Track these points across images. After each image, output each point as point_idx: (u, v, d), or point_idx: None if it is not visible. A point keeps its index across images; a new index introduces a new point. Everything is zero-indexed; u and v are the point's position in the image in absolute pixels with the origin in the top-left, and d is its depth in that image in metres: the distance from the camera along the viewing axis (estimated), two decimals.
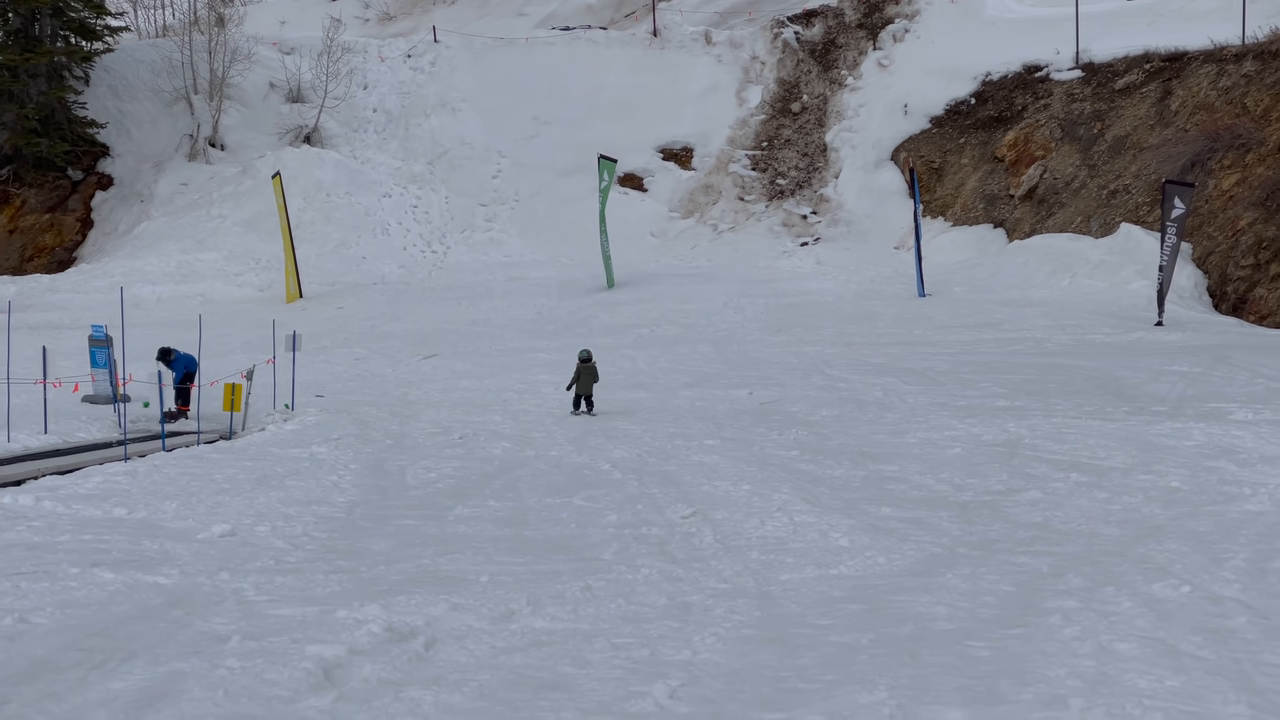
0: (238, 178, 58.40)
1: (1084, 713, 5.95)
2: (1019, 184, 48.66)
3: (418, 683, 6.77)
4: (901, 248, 49.66)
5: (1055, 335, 32.03)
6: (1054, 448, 16.59)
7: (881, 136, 54.65)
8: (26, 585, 9.02)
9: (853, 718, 5.96)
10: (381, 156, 60.54)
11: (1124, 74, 48.59)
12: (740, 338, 35.69)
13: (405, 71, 63.93)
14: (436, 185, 58.85)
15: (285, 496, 14.67)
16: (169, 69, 60.74)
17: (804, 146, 57.10)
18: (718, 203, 56.48)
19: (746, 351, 32.65)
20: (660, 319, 38.75)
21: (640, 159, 57.95)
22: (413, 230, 56.77)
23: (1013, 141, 50.00)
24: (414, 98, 62.56)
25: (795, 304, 41.93)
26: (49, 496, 13.74)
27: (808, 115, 58.19)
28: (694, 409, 22.85)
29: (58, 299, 49.97)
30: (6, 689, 6.48)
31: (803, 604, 8.76)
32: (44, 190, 59.22)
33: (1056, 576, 9.19)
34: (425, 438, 20.69)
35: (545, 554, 11.03)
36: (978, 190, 50.35)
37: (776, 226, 54.51)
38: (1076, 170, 46.83)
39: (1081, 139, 47.84)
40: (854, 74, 58.06)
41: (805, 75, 59.46)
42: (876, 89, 56.37)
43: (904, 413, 21.16)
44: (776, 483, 15.05)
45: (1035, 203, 47.53)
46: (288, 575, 9.94)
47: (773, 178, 56.40)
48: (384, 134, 61.77)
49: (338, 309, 46.74)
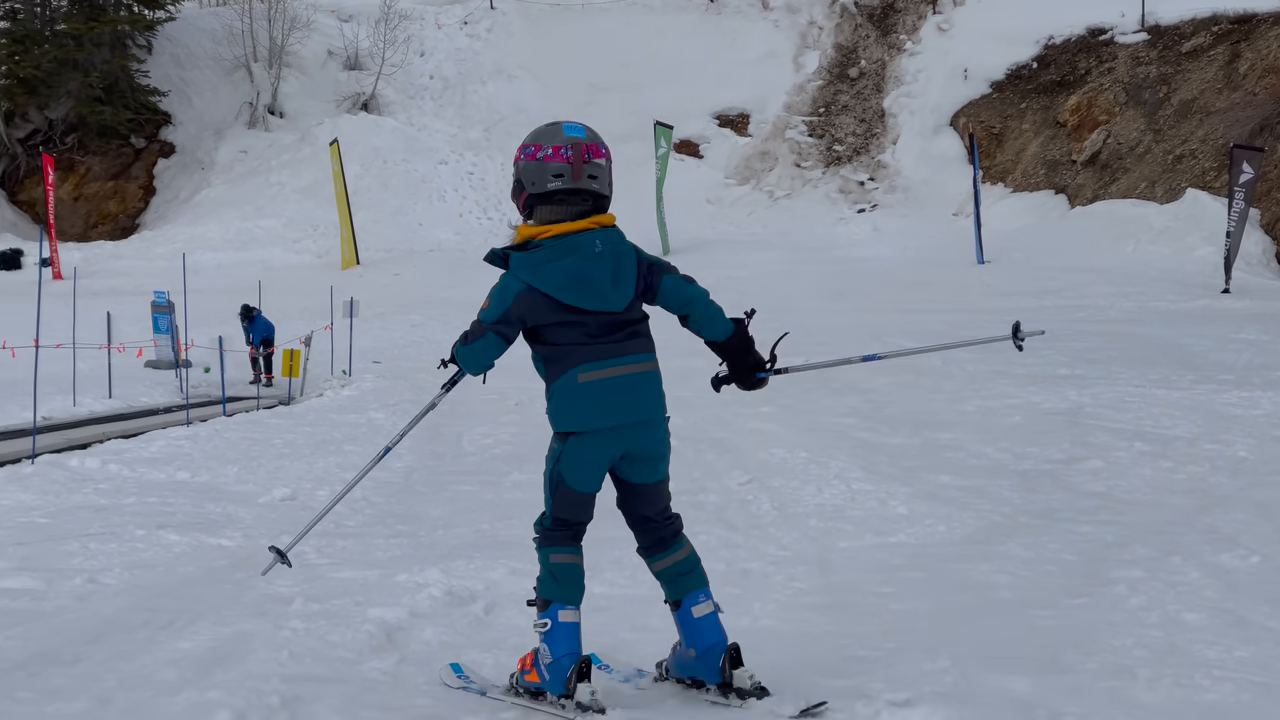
0: (296, 145, 58.70)
1: (1151, 683, 5.89)
2: (1082, 149, 48.21)
3: (478, 646, 6.79)
4: (960, 214, 49.36)
5: (1118, 303, 31.76)
6: (1117, 416, 16.42)
7: (941, 102, 54.30)
8: (95, 546, 9.19)
9: (916, 685, 5.93)
10: (438, 123, 60.71)
11: (1191, 36, 47.99)
12: (796, 305, 35.58)
13: (462, 38, 64.02)
14: (493, 152, 58.96)
15: (343, 461, 14.77)
16: (229, 37, 61.11)
17: (861, 112, 56.79)
18: (774, 169, 56.31)
19: (803, 319, 32.56)
20: (715, 286, 38.12)
21: (696, 125, 57.84)
22: (469, 197, 56.93)
23: (1075, 106, 49.51)
24: (470, 64, 62.64)
25: (852, 271, 41.80)
26: (114, 460, 13.90)
27: (865, 81, 57.85)
28: None
29: (121, 265, 50.47)
30: (78, 648, 6.59)
31: (862, 571, 8.72)
32: (107, 158, 59.76)
33: (1121, 546, 9.10)
34: (481, 404, 20.74)
35: (602, 520, 11.02)
36: (1039, 156, 49.92)
37: (833, 193, 54.32)
38: (1141, 135, 46.34)
39: (1147, 103, 47.33)
40: (913, 38, 57.66)
41: (863, 40, 59.09)
42: (936, 53, 55.97)
43: (962, 380, 21.02)
44: (833, 450, 14.97)
45: (1098, 168, 47.08)
46: (348, 539, 10.00)
47: (830, 144, 56.15)
48: (440, 101, 61.90)
49: (394, 275, 46.95)
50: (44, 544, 9.26)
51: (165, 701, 5.78)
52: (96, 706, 5.71)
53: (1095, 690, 5.87)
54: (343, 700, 5.85)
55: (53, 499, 11.35)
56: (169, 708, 5.71)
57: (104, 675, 6.15)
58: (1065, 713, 5.57)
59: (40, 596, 7.73)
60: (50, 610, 7.41)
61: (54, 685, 5.99)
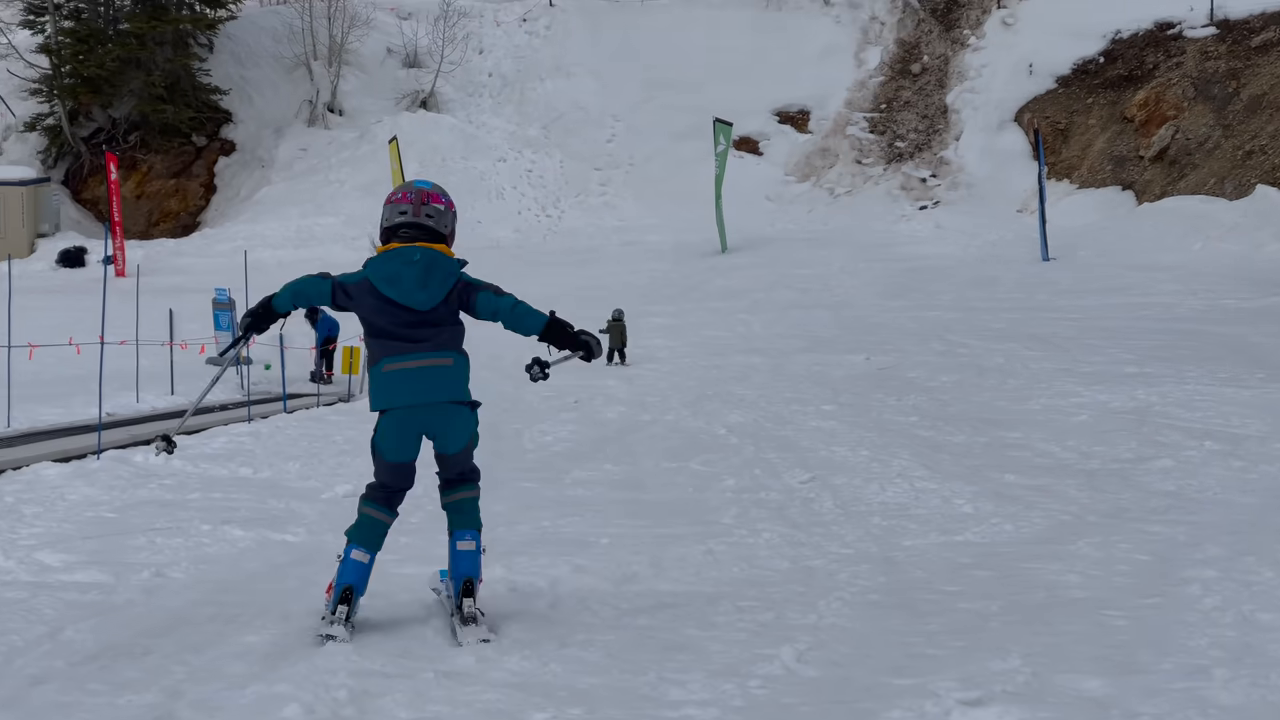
0: (355, 143, 58.97)
1: (1227, 683, 5.79)
2: (1149, 145, 47.76)
3: (545, 642, 6.76)
4: (1024, 211, 49.03)
5: (1186, 300, 31.45)
6: (1186, 415, 16.24)
7: (1005, 97, 53.94)
8: (162, 541, 9.28)
9: (987, 684, 5.85)
10: (497, 121, 60.82)
11: (1260, 31, 47.48)
12: (857, 303, 35.46)
13: (520, 35, 64.13)
14: (551, 149, 59.03)
15: None
16: (289, 35, 61.42)
17: (923, 108, 56.49)
18: (835, 166, 56.10)
19: (863, 317, 32.42)
20: (775, 284, 38.59)
21: (756, 122, 57.69)
22: (527, 195, 57.03)
23: (1143, 101, 49.05)
24: (529, 62, 62.73)
25: (913, 268, 41.59)
26: (178, 455, 13.95)
27: (928, 76, 57.55)
28: (810, 374, 22.73)
29: (182, 263, 50.84)
30: (148, 640, 6.67)
31: (928, 570, 8.64)
32: (169, 156, 60.21)
33: (1194, 546, 8.98)
34: (540, 401, 20.75)
35: (664, 517, 11.00)
36: (1105, 152, 49.49)
37: (895, 190, 54.07)
38: (1210, 130, 45.86)
39: (1216, 98, 46.84)
40: (976, 33, 57.29)
41: (926, 35, 58.77)
42: (1000, 48, 55.59)
43: (1027, 379, 20.87)
44: (896, 448, 14.89)
45: (1166, 164, 46.62)
46: (410, 535, 9.98)
47: (891, 140, 55.90)
48: (499, 98, 62.04)
49: None
50: (112, 538, 9.34)
51: (235, 694, 5.84)
52: (167, 699, 5.77)
53: (1171, 690, 5.77)
54: (410, 695, 5.86)
55: (119, 494, 11.45)
56: (239, 700, 5.77)
57: (174, 668, 6.21)
58: (1141, 713, 5.49)
59: (110, 590, 7.80)
60: (119, 603, 7.48)
61: (126, 677, 6.06)
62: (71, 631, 6.79)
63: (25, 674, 6.07)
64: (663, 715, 5.66)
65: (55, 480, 11.90)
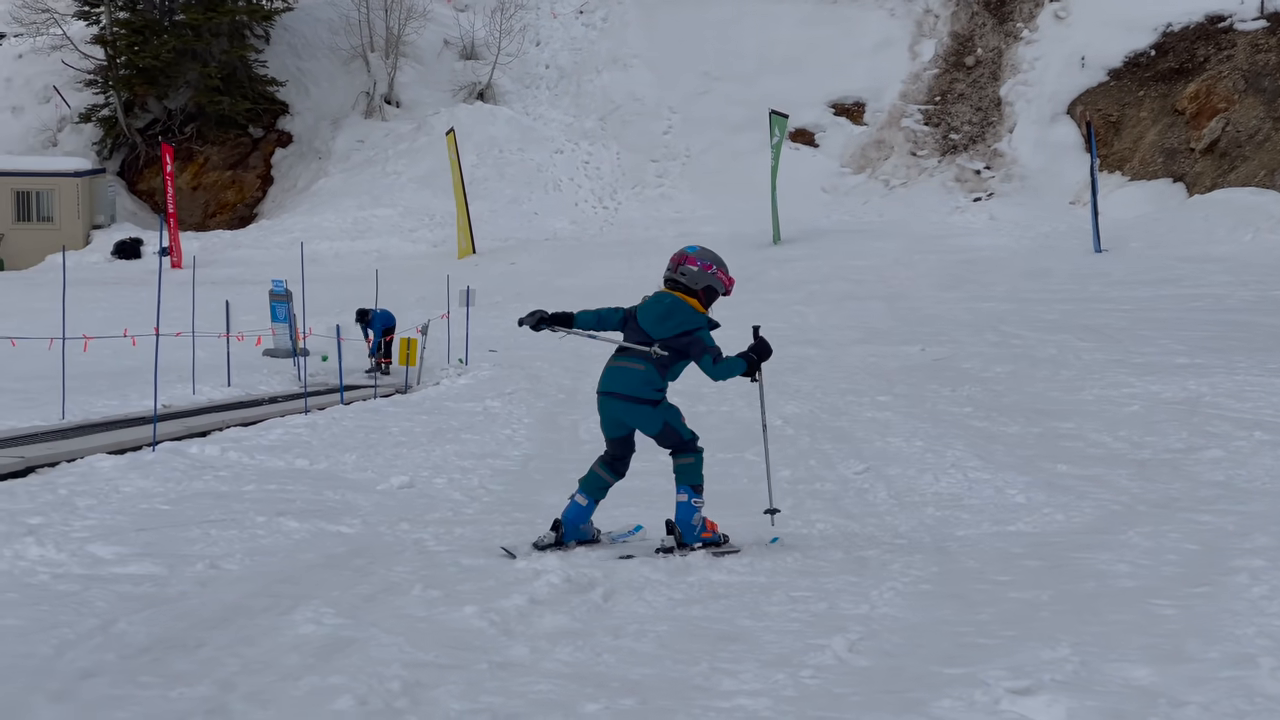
0: (412, 134, 59.22)
1: (1275, 671, 5.82)
2: (1200, 137, 47.44)
3: (598, 633, 6.83)
4: (1077, 203, 48.80)
5: (1237, 291, 31.27)
6: (1236, 406, 16.22)
7: (1057, 90, 53.68)
8: (216, 533, 9.24)
9: (1036, 673, 5.90)
10: (553, 113, 60.94)
11: None
12: (911, 294, 35.40)
13: (577, 27, 64.20)
14: (608, 141, 59.10)
15: (460, 450, 14.88)
16: (346, 27, 61.65)
17: (977, 101, 56.26)
18: (889, 158, 55.96)
19: (918, 308, 32.38)
20: (831, 275, 38.55)
21: (811, 114, 57.59)
22: (584, 186, 57.12)
23: (1194, 94, 48.73)
24: (586, 54, 62.79)
25: (968, 260, 41.47)
26: (234, 447, 14.06)
27: (981, 69, 57.30)
28: (865, 365, 22.74)
29: (239, 254, 51.20)
30: (201, 632, 6.62)
31: (981, 560, 8.69)
32: (226, 148, 60.60)
33: (1243, 535, 9.00)
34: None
35: (719, 508, 11.07)
36: (1156, 144, 49.19)
37: (949, 182, 53.89)
38: (1261, 123, 45.53)
39: (1266, 91, 46.49)
40: (1029, 26, 56.98)
41: (979, 28, 58.51)
42: (1053, 41, 55.29)
43: (1079, 370, 20.84)
44: (950, 439, 14.93)
45: (1217, 156, 46.30)
46: (466, 526, 10.09)
47: (945, 132, 55.70)
48: (556, 90, 62.14)
49: (510, 265, 47.23)
50: (166, 530, 9.32)
51: (288, 686, 5.81)
52: (220, 691, 5.73)
53: (1217, 680, 5.81)
54: (464, 686, 5.87)
55: (174, 486, 11.45)
56: (292, 692, 5.74)
57: (227, 660, 6.19)
58: (1188, 702, 5.53)
59: (163, 582, 7.75)
60: (173, 595, 7.44)
61: (178, 670, 6.02)
62: (124, 624, 6.70)
63: (76, 667, 5.98)
64: (715, 705, 5.70)
65: (109, 472, 11.87)
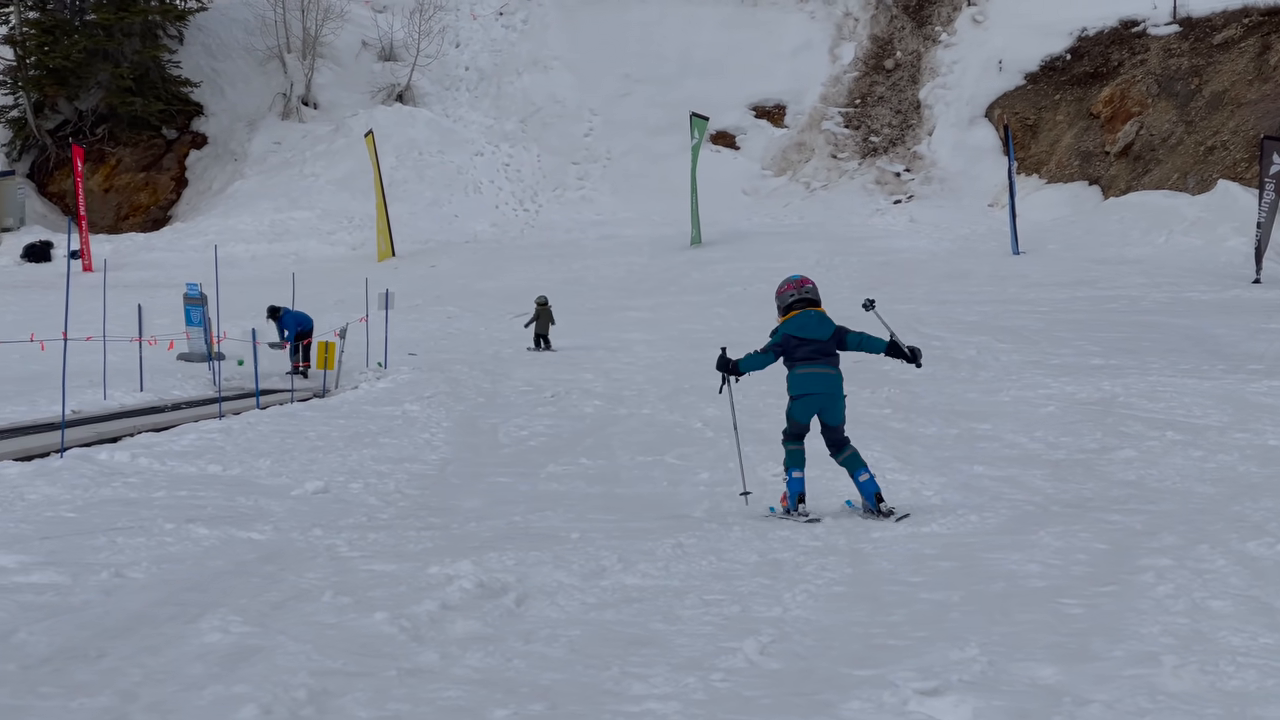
0: (330, 136, 58.83)
1: (1177, 670, 5.88)
2: (1115, 141, 48.01)
3: (510, 638, 6.79)
4: (995, 205, 49.24)
5: (1151, 293, 31.68)
6: (1149, 406, 16.43)
7: (976, 93, 54.16)
8: (123, 540, 9.09)
9: (944, 673, 5.93)
10: (474, 115, 60.74)
11: (1222, 29, 47.76)
12: (832, 296, 35.38)
13: (497, 29, 64.02)
14: (528, 143, 58.99)
15: (378, 454, 14.79)
16: (262, 27, 61.16)
17: (897, 104, 56.64)
18: (810, 160, 56.22)
19: (838, 310, 32.40)
20: (752, 277, 38.66)
21: (733, 117, 57.77)
22: (505, 188, 56.98)
23: (1109, 98, 49.32)
24: (506, 56, 62.63)
25: (888, 262, 41.73)
26: (145, 453, 13.88)
27: (901, 72, 57.69)
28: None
29: (153, 257, 50.64)
30: (103, 642, 6.50)
31: (894, 561, 8.74)
32: (139, 149, 59.89)
33: (1150, 534, 9.11)
34: (517, 395, 20.78)
35: (637, 511, 11.07)
36: (1073, 147, 49.75)
37: (869, 184, 54.20)
38: (1173, 127, 46.12)
39: (1178, 95, 47.10)
40: (948, 30, 57.45)
41: (899, 31, 58.91)
42: (970, 45, 55.77)
43: (997, 371, 21.03)
44: (868, 441, 14.96)
45: (1131, 159, 46.88)
46: (380, 532, 10.01)
47: (865, 135, 56.03)
48: (476, 92, 61.94)
49: (430, 267, 47.02)
50: (71, 538, 9.15)
51: (191, 696, 5.73)
52: (121, 702, 5.64)
53: (1121, 678, 5.87)
54: (371, 693, 5.82)
55: (81, 493, 11.29)
56: (195, 702, 5.65)
57: (129, 670, 6.07)
58: (1092, 700, 5.57)
59: (66, 591, 7.59)
60: (76, 604, 7.30)
61: (79, 680, 5.91)
62: (24, 634, 6.58)
63: None
64: (624, 710, 5.68)
65: (15, 479, 11.69)
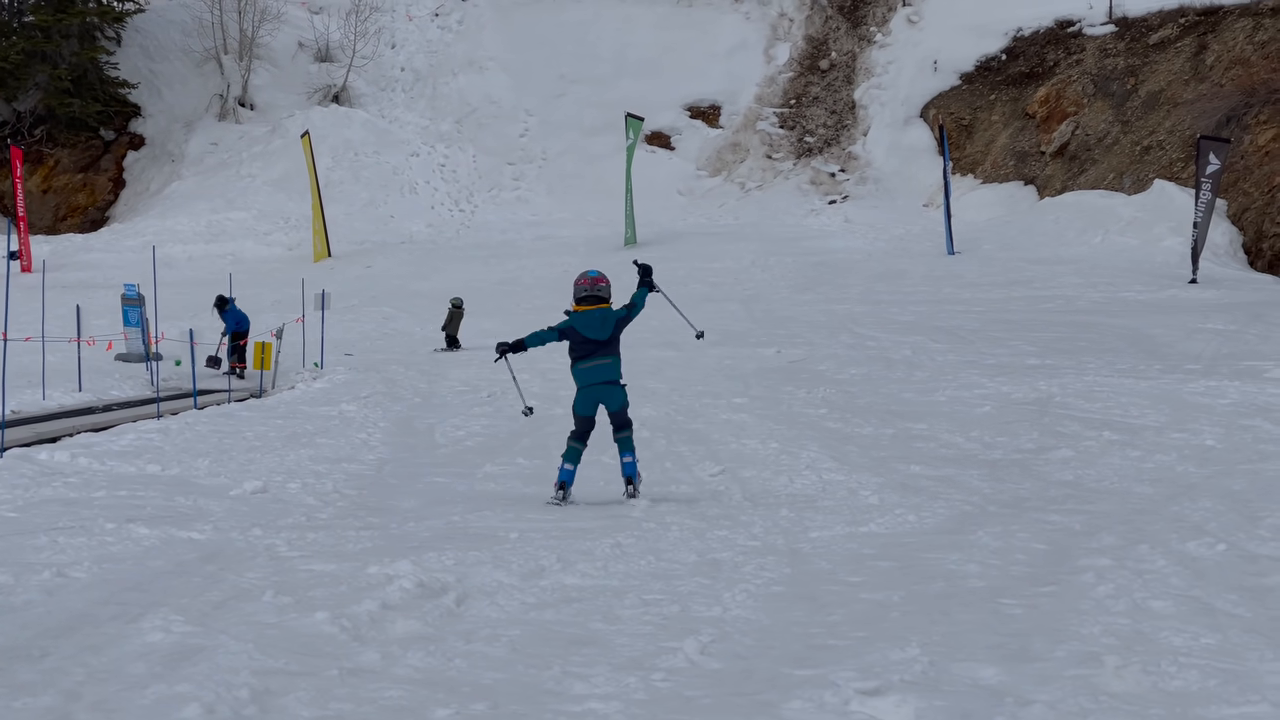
0: (267, 137, 58.47)
1: (1119, 670, 5.93)
2: (1050, 141, 48.33)
3: (450, 637, 6.79)
4: (930, 205, 49.46)
5: (1087, 293, 31.91)
6: (1086, 406, 16.56)
7: (911, 94, 54.34)
8: (64, 540, 9.07)
9: (885, 673, 5.96)
10: (409, 115, 60.52)
11: (1158, 29, 48.17)
12: (768, 296, 35.66)
13: (433, 30, 63.80)
14: (464, 144, 58.82)
15: (315, 454, 14.74)
16: (199, 29, 60.70)
17: (832, 104, 56.84)
18: (745, 161, 56.31)
19: (774, 310, 32.63)
20: (687, 277, 38.63)
21: (668, 117, 57.77)
22: (440, 189, 56.78)
23: (1044, 98, 49.64)
24: (442, 57, 62.43)
25: (823, 262, 41.85)
26: (84, 453, 13.81)
27: (836, 72, 57.89)
28: (721, 367, 22.87)
29: (91, 258, 50.16)
30: (45, 642, 6.49)
31: (833, 561, 8.77)
32: (76, 150, 59.33)
33: (1089, 535, 9.18)
34: (453, 396, 20.74)
35: (574, 511, 11.08)
36: (1008, 147, 50.04)
37: (804, 184, 54.34)
38: (1109, 126, 46.47)
39: (1114, 95, 47.46)
40: (883, 30, 57.67)
41: (834, 32, 59.12)
42: (906, 45, 55.99)
43: (933, 371, 21.14)
44: (805, 441, 15.05)
45: (1067, 159, 47.19)
46: (319, 531, 9.98)
47: (801, 135, 56.18)
48: (412, 93, 61.72)
49: (366, 268, 46.82)
50: (11, 538, 9.13)
51: (134, 695, 5.71)
52: (64, 701, 5.63)
53: (1063, 678, 5.91)
54: (313, 693, 5.82)
55: (21, 493, 11.25)
56: (138, 701, 5.64)
57: (72, 669, 6.06)
58: (1033, 700, 5.61)
59: (8, 591, 7.59)
60: (18, 604, 7.29)
61: (21, 680, 5.90)
62: None
63: None
64: (566, 710, 5.70)
65: None
